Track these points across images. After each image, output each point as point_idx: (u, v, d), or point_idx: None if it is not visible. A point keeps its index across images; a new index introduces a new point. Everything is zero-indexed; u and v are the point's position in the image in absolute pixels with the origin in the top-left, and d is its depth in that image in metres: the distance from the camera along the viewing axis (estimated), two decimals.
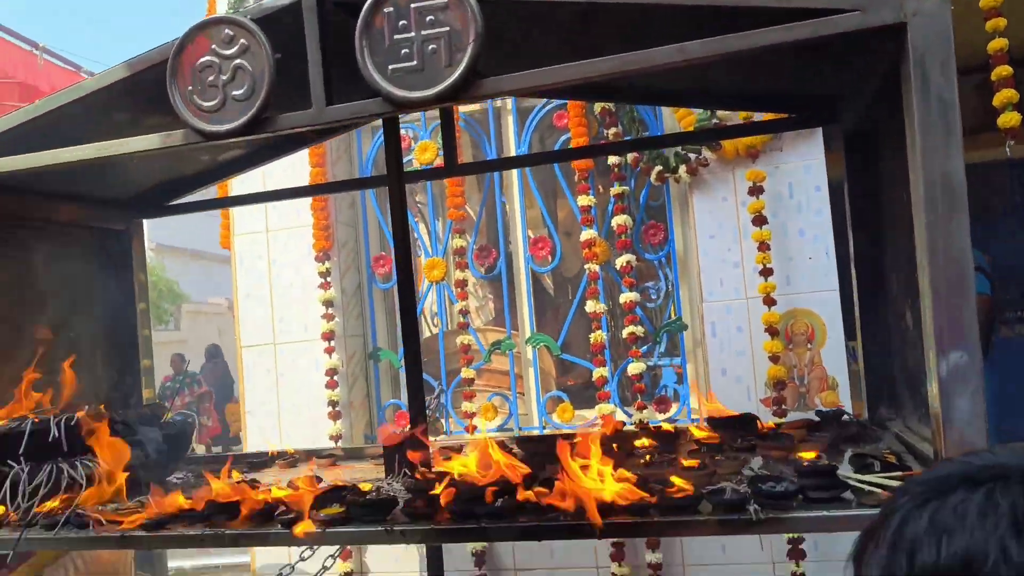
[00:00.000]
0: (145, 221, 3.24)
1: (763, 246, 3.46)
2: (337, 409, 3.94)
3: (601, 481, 1.74)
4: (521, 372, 4.24)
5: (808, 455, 1.99)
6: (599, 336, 3.73)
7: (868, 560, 0.88)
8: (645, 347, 3.82)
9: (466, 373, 3.87)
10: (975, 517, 0.79)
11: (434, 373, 4.12)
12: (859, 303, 2.71)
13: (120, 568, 3.05)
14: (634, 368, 3.65)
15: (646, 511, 1.67)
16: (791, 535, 3.26)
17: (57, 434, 2.14)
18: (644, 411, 3.65)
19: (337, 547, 3.73)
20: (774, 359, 3.48)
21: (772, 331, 3.48)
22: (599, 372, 3.73)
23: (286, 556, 3.53)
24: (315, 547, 3.55)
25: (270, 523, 1.88)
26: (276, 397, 4.07)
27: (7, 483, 2.06)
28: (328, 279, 4.00)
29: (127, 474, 2.17)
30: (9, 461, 2.11)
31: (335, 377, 3.94)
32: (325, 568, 3.62)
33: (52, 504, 2.04)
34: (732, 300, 3.59)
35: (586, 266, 3.77)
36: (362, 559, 3.97)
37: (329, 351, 3.96)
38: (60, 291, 2.68)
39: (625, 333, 3.69)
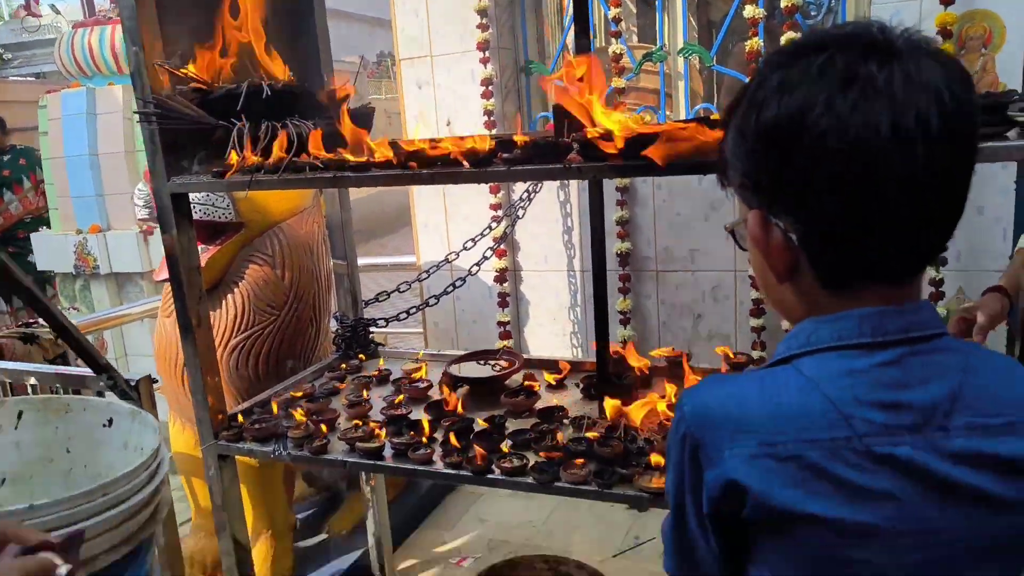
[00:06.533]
0: None
1: None
2: (492, 119, 4.14)
3: None
4: (671, 90, 4.25)
5: None
6: (755, 43, 3.65)
7: (735, 116, 1.00)
8: None
9: (617, 83, 3.93)
10: (814, 75, 0.88)
11: None
12: None
13: (316, 250, 3.50)
14: None
15: None
16: None
17: (270, 95, 2.44)
18: None
19: (492, 246, 4.11)
20: None
21: (945, 33, 3.30)
22: None
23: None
24: (477, 239, 3.95)
25: (459, 166, 2.13)
26: (434, 109, 4.30)
27: (233, 136, 2.40)
28: None
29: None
30: (232, 119, 2.44)
31: (490, 87, 4.10)
32: (485, 258, 4.04)
33: (275, 156, 2.37)
34: (904, 0, 3.39)
35: None
36: (515, 258, 4.36)
37: (484, 61, 4.09)
38: None
39: (783, 40, 3.59)
